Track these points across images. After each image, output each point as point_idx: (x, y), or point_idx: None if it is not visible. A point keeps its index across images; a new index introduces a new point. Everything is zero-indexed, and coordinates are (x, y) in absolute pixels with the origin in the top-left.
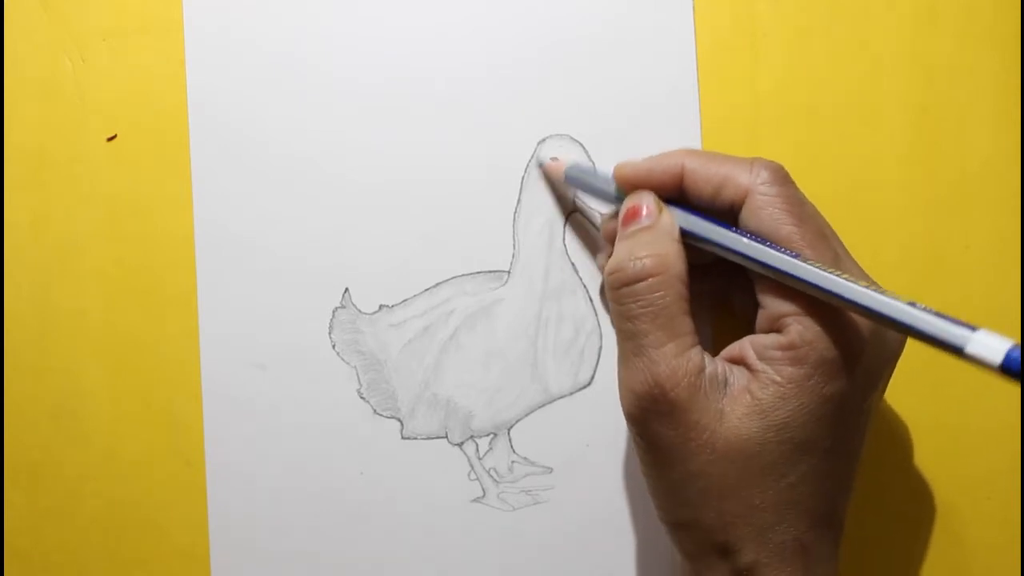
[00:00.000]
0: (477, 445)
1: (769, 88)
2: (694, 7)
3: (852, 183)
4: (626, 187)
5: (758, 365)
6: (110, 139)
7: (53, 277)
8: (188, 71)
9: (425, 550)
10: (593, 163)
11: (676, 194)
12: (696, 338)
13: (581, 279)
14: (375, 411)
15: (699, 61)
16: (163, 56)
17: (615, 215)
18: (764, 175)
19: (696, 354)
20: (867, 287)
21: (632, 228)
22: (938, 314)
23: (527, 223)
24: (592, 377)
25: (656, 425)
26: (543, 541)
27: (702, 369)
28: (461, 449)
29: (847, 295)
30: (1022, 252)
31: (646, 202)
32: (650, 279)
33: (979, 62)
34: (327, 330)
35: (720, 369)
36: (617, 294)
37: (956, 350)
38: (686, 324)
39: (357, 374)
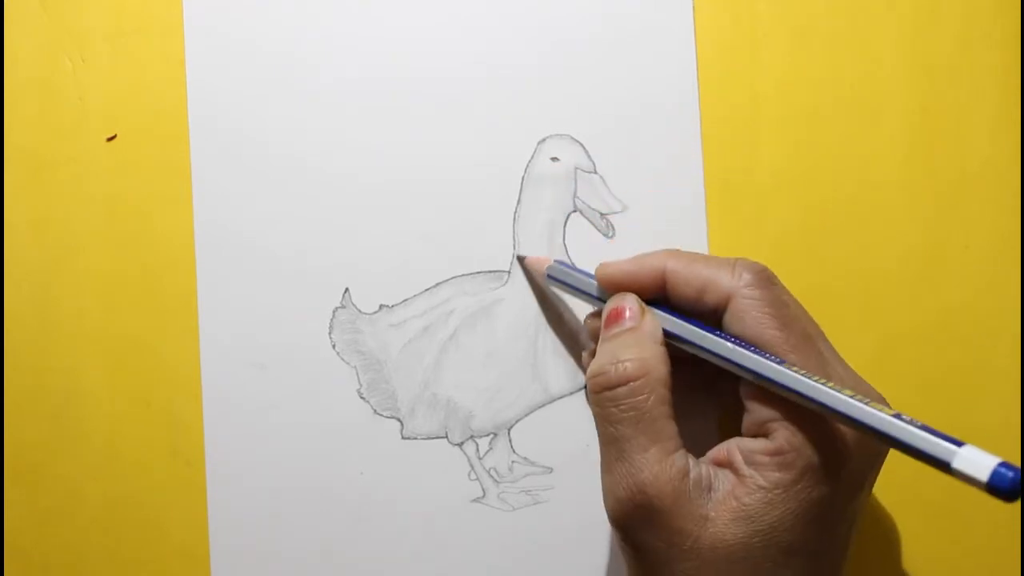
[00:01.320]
0: (477, 445)
1: (769, 88)
2: (694, 7)
3: (852, 183)
4: (609, 288)
5: (745, 470)
6: (110, 139)
7: (53, 277)
8: (188, 71)
9: (425, 550)
10: (593, 163)
11: (659, 295)
12: (679, 442)
13: None
14: (375, 411)
15: (699, 61)
16: (163, 56)
17: (598, 314)
18: (746, 278)
19: (680, 458)
20: (852, 396)
21: (614, 330)
22: (924, 427)
23: (527, 223)
24: None
25: (640, 531)
26: (543, 541)
27: (686, 473)
28: (461, 449)
29: (831, 404)
30: (1022, 252)
31: (628, 304)
32: (631, 383)
33: (979, 62)
34: (327, 330)
35: (705, 472)
36: (598, 398)
37: (942, 465)
38: (669, 428)
39: (357, 374)
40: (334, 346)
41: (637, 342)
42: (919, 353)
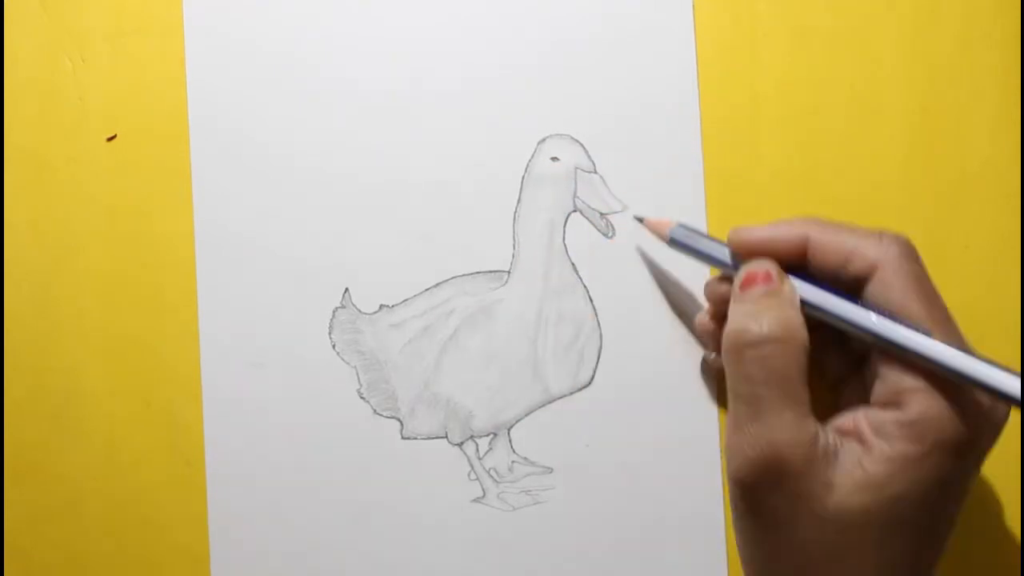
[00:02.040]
0: (477, 445)
1: (769, 88)
2: (694, 7)
3: (852, 183)
4: (744, 253)
5: (872, 440)
6: (110, 139)
7: (53, 277)
8: (188, 71)
9: (425, 550)
10: (593, 163)
11: (796, 263)
12: (810, 408)
13: (581, 279)
14: (375, 411)
15: (699, 61)
16: (163, 56)
17: (722, 278)
18: (894, 250)
19: (812, 424)
20: (1005, 369)
21: (753, 292)
22: None
23: (527, 223)
24: (592, 377)
25: (767, 492)
26: (543, 541)
27: (817, 439)
28: (461, 449)
29: (990, 382)
30: (1022, 252)
31: (769, 268)
32: (776, 344)
33: (979, 62)
34: (327, 330)
35: (832, 440)
36: (739, 356)
37: None
38: (805, 393)
39: (357, 374)
40: (334, 346)
41: (779, 305)
42: None
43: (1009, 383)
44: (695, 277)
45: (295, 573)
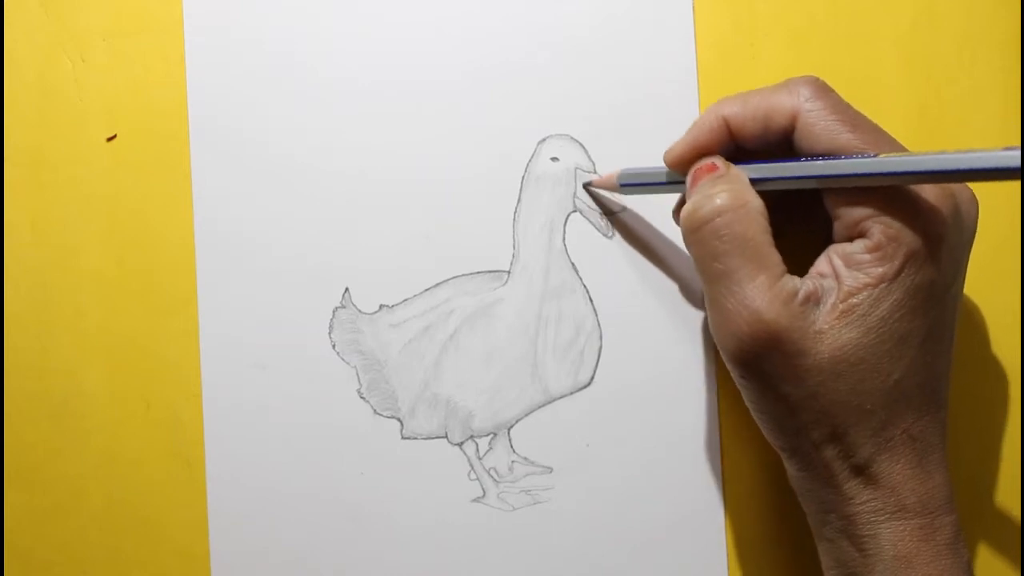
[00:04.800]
0: (477, 445)
1: None
2: (694, 7)
3: None
4: (681, 167)
5: (846, 272)
6: (110, 139)
7: (53, 277)
8: (188, 71)
9: (425, 550)
10: (593, 163)
11: (728, 149)
12: (784, 267)
13: (581, 279)
14: (375, 411)
15: (699, 61)
16: (163, 56)
17: (683, 202)
18: (805, 92)
19: (788, 281)
20: (956, 152)
21: (702, 181)
22: None
23: (527, 223)
24: (592, 377)
25: (762, 360)
26: (543, 541)
27: (796, 293)
28: (461, 449)
29: (938, 166)
30: (1022, 252)
31: (711, 161)
32: (730, 213)
33: (979, 62)
34: (327, 330)
35: (811, 287)
36: (699, 235)
37: None
38: (774, 255)
39: (357, 374)
40: (334, 346)
41: (728, 182)
42: None
43: (955, 161)
44: (694, 277)
45: (295, 573)
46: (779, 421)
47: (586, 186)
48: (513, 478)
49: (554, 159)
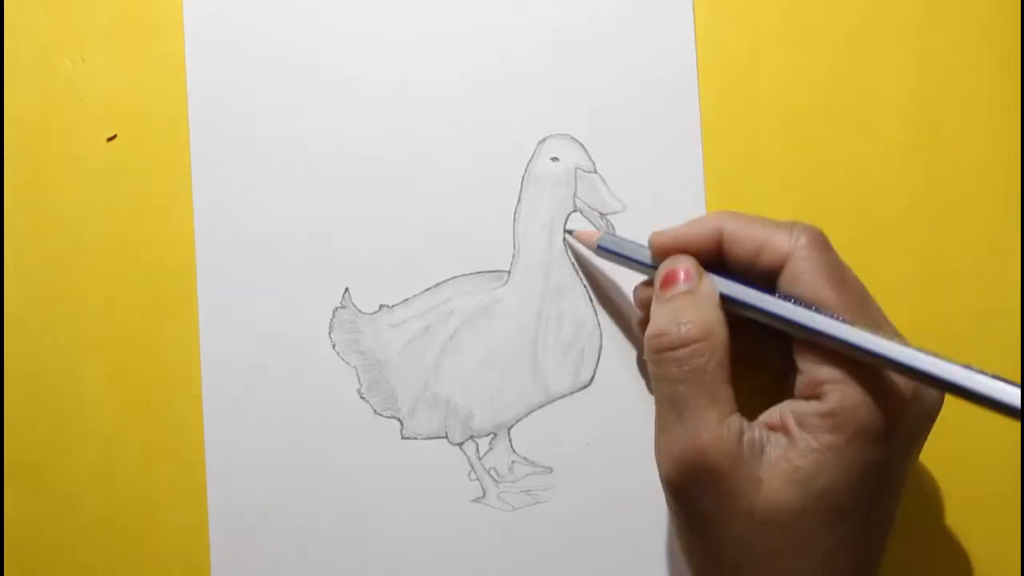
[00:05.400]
0: (477, 445)
1: (769, 88)
2: (694, 7)
3: (852, 184)
4: (662, 254)
5: (797, 432)
6: (110, 139)
7: (53, 277)
8: (188, 71)
9: (425, 550)
10: (593, 163)
11: (714, 259)
12: (735, 405)
13: (581, 279)
14: (375, 411)
15: (699, 61)
16: (163, 56)
17: (649, 283)
18: (804, 240)
19: (736, 421)
20: (916, 348)
21: (672, 292)
22: (995, 376)
23: (527, 223)
24: (592, 377)
25: (695, 492)
26: (543, 541)
27: (742, 436)
28: (461, 449)
29: (895, 356)
30: (1022, 252)
31: (684, 266)
32: (694, 345)
33: (979, 62)
34: (327, 330)
35: (758, 435)
36: (660, 358)
37: (1013, 412)
38: (727, 391)
39: (357, 374)
40: (334, 346)
41: (696, 304)
42: None
43: (922, 362)
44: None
45: (295, 573)
46: (700, 561)
47: (567, 233)
48: (513, 478)
49: (554, 159)
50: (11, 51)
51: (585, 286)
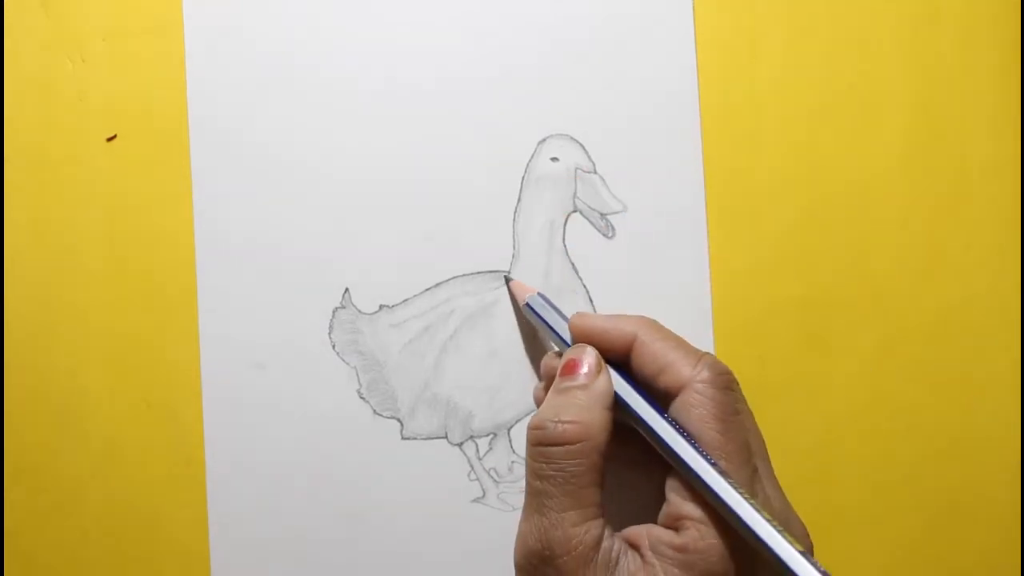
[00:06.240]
0: (477, 445)
1: (769, 88)
2: (694, 7)
3: (852, 183)
4: (579, 339)
5: (650, 556)
6: (110, 139)
7: (53, 277)
8: (188, 71)
9: (425, 550)
10: (593, 163)
11: (624, 359)
12: (600, 511)
13: (581, 279)
14: (375, 411)
15: (699, 61)
16: (163, 56)
17: (557, 355)
18: (705, 375)
19: (596, 527)
20: (765, 518)
21: (567, 384)
22: (823, 572)
23: (527, 223)
24: None
25: None
26: None
27: (598, 544)
28: (461, 449)
29: (741, 517)
30: (1022, 252)
31: (587, 359)
32: (568, 446)
33: (979, 62)
34: (327, 330)
35: (616, 548)
36: (533, 451)
37: None
38: (593, 495)
39: (357, 374)
40: (334, 346)
41: (584, 402)
42: (919, 352)
43: (763, 533)
44: (696, 278)
45: (295, 573)
46: None
47: (505, 278)
48: (513, 478)
49: (554, 159)
50: (11, 51)
51: (585, 286)
